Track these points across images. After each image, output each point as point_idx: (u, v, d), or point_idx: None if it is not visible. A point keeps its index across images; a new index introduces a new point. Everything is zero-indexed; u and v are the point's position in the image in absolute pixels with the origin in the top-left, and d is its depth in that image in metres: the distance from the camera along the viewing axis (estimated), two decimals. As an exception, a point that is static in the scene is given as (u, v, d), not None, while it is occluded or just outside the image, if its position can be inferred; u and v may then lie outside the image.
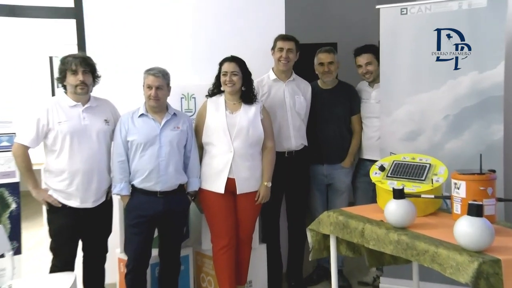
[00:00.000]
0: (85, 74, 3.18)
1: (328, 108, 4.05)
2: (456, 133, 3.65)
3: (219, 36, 4.13)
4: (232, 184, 3.45)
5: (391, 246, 2.68)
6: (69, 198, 3.19)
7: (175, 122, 3.37)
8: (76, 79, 3.16)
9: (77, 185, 3.17)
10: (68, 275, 3.09)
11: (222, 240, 3.50)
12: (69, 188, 3.17)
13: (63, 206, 3.19)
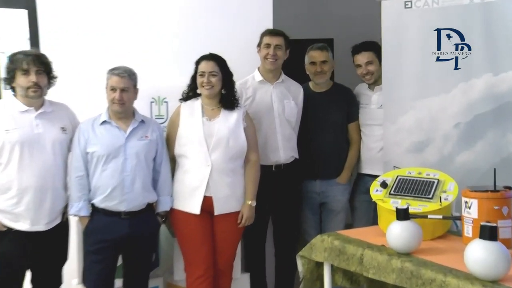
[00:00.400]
0: (39, 74, 3.14)
1: (321, 115, 4.08)
2: (469, 144, 3.68)
3: (196, 31, 4.14)
4: (210, 203, 3.46)
5: (393, 275, 2.72)
6: (17, 220, 3.13)
7: (143, 130, 3.37)
8: (28, 80, 3.11)
9: (27, 204, 3.11)
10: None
11: (197, 269, 3.49)
12: (17, 208, 3.11)
13: (8, 229, 3.13)
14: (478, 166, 3.61)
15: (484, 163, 3.57)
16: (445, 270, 2.51)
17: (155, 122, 3.59)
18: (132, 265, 3.45)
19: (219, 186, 3.47)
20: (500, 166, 3.39)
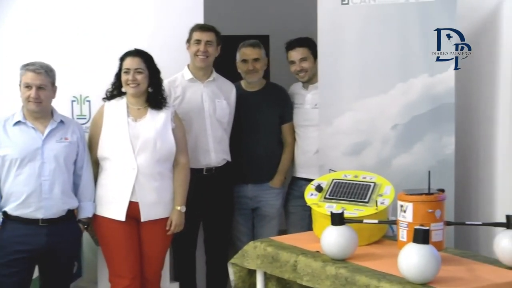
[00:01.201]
0: None
1: (253, 115, 4.12)
2: (406, 146, 3.80)
3: (121, 25, 4.10)
4: (136, 209, 3.46)
5: (328, 282, 2.78)
6: None
7: (62, 131, 3.33)
8: None
9: None
10: None
11: (123, 279, 3.48)
12: None
13: None
14: (415, 169, 3.70)
15: (421, 166, 3.65)
16: (379, 275, 2.60)
17: (76, 123, 3.56)
18: (51, 278, 3.40)
19: (145, 190, 3.47)
20: (436, 169, 3.53)
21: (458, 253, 2.99)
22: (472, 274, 2.62)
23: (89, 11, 4.07)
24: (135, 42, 3.73)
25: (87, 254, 3.93)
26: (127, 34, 4.03)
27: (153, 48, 3.69)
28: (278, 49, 4.64)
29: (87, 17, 4.07)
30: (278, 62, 4.84)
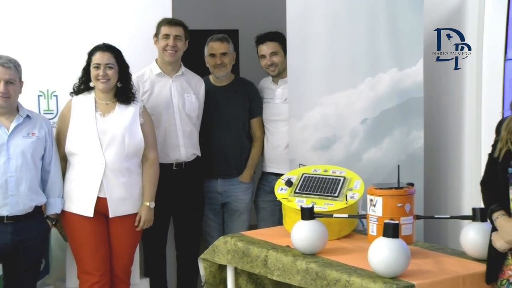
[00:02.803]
0: None
1: (221, 110, 4.12)
2: (375, 141, 3.84)
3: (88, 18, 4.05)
4: (104, 205, 3.44)
5: (298, 277, 2.80)
6: None
7: (29, 127, 3.30)
8: None
9: None
10: None
11: (91, 276, 3.46)
12: None
13: None
14: (385, 163, 3.76)
15: (390, 160, 3.71)
16: (349, 270, 2.62)
17: (43, 118, 3.51)
18: (16, 276, 3.35)
19: (114, 186, 3.45)
20: (406, 163, 3.57)
21: (427, 246, 3.04)
22: (440, 267, 2.66)
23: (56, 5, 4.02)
24: (102, 36, 3.69)
25: (55, 250, 3.90)
26: (94, 28, 3.99)
27: (121, 42, 3.67)
28: (248, 44, 4.65)
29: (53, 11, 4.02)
30: (248, 57, 4.84)
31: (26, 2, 3.99)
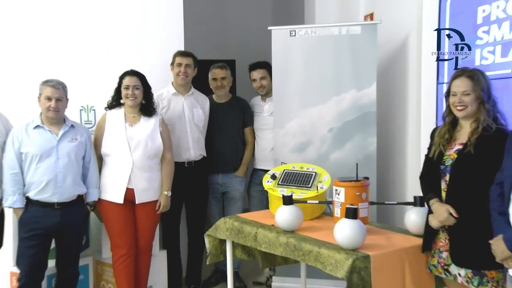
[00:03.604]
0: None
1: (222, 121, 4.10)
2: (339, 145, 3.84)
3: (119, 50, 4.06)
4: (131, 194, 3.43)
5: (280, 248, 2.79)
6: None
7: (73, 134, 3.29)
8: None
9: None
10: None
11: (121, 249, 3.47)
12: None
13: None
14: (346, 161, 3.76)
15: (351, 160, 3.70)
16: (319, 243, 2.62)
17: (83, 127, 3.51)
18: (64, 249, 3.34)
19: (139, 179, 3.44)
20: (362, 162, 3.57)
21: (379, 226, 3.03)
22: (389, 241, 2.67)
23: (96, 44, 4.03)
24: (130, 63, 3.68)
25: (93, 229, 3.88)
26: (123, 57, 3.98)
27: (145, 68, 3.65)
28: (242, 70, 4.63)
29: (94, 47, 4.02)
30: (242, 80, 4.84)
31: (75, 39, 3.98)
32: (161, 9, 4.23)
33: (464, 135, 2.43)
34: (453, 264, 2.42)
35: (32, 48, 3.89)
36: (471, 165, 2.35)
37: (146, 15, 4.19)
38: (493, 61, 2.91)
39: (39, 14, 3.92)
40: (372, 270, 2.37)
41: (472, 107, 2.38)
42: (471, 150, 2.34)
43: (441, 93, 3.29)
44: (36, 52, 3.89)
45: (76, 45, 3.99)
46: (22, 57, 3.87)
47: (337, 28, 3.82)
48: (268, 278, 4.25)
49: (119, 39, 4.11)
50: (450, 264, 2.44)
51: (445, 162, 2.46)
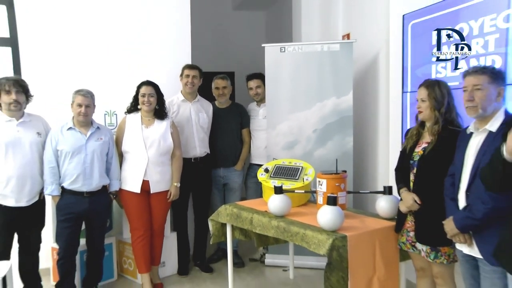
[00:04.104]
0: (18, 93, 3.03)
1: (223, 123, 4.08)
2: (322, 143, 3.86)
3: (136, 65, 4.08)
4: (147, 185, 3.44)
5: (272, 230, 2.83)
6: (4, 198, 3.04)
7: (98, 134, 3.30)
8: (10, 98, 3.00)
9: (11, 188, 3.03)
10: (4, 263, 2.94)
11: (138, 231, 3.48)
12: (4, 190, 3.02)
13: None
14: (328, 158, 3.78)
15: (332, 156, 3.74)
16: (305, 226, 2.66)
17: (107, 128, 3.51)
18: (92, 230, 3.38)
19: (153, 173, 3.45)
20: (341, 158, 3.61)
21: (354, 211, 3.06)
22: (363, 224, 2.70)
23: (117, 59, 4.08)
24: (146, 75, 3.69)
25: (115, 214, 3.89)
26: (140, 70, 4.00)
27: (158, 79, 3.66)
28: (241, 80, 4.62)
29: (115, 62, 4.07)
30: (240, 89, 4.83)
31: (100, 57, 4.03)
32: (172, 31, 4.26)
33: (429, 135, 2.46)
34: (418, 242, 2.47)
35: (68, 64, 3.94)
36: (432, 160, 2.37)
37: (160, 36, 4.23)
38: (445, 75, 2.96)
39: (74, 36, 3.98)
40: (349, 247, 2.42)
41: (426, 112, 2.41)
42: (433, 147, 2.37)
43: (405, 100, 3.33)
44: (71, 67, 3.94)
45: (102, 62, 4.05)
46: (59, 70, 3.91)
47: (320, 45, 3.86)
48: (262, 255, 4.25)
49: (138, 56, 4.14)
50: (416, 241, 2.49)
51: (414, 158, 2.48)
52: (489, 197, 1.95)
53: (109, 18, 4.08)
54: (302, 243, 2.59)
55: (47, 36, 3.90)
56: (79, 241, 3.35)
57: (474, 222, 2.04)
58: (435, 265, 2.43)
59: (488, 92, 2.06)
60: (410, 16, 3.25)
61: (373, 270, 2.52)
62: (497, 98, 2.08)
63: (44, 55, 3.89)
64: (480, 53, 2.72)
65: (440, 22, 2.98)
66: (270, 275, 3.93)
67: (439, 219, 2.25)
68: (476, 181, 2.03)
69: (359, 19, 4.11)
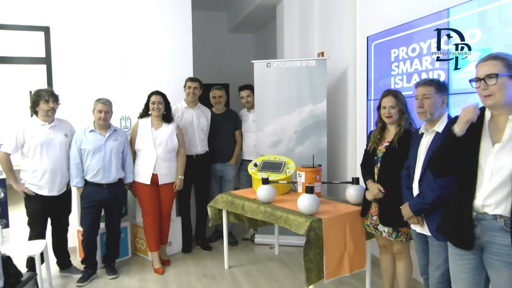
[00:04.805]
0: (54, 103, 3.08)
1: (219, 126, 4.07)
2: (301, 142, 3.87)
3: (147, 78, 4.08)
4: (156, 178, 3.42)
5: (260, 215, 2.85)
6: (40, 189, 3.07)
7: (115, 135, 3.28)
8: (48, 106, 3.05)
9: (45, 180, 3.06)
10: (41, 242, 2.98)
11: (149, 216, 3.46)
12: (40, 182, 3.05)
13: (36, 194, 3.06)
14: (306, 154, 3.78)
15: (309, 153, 3.74)
16: (287, 211, 2.67)
17: (123, 131, 3.48)
18: (110, 215, 3.36)
19: (161, 167, 3.42)
20: (317, 154, 3.63)
21: (328, 198, 3.08)
22: (335, 208, 2.71)
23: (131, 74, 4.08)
24: (155, 85, 3.67)
25: (130, 202, 3.87)
26: (151, 82, 3.98)
27: (166, 89, 3.64)
28: (234, 90, 4.62)
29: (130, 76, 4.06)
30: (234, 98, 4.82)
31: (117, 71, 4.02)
32: (178, 50, 4.25)
33: (390, 135, 2.46)
34: (380, 224, 2.48)
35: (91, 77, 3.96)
36: (394, 156, 2.38)
37: (167, 55, 4.22)
38: (402, 86, 2.98)
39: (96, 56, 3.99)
40: (324, 228, 2.43)
41: (396, 116, 2.42)
42: (396, 145, 2.37)
43: (370, 106, 3.35)
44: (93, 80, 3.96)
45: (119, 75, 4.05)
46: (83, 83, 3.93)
47: (299, 62, 3.86)
48: (252, 235, 4.25)
49: (148, 71, 4.14)
50: (378, 224, 2.51)
51: (377, 154, 2.48)
52: (437, 186, 1.98)
53: (126, 41, 4.08)
54: (285, 225, 2.60)
55: (74, 56, 3.93)
56: (100, 225, 3.34)
57: (425, 206, 2.06)
58: (396, 243, 2.46)
59: (435, 100, 2.09)
60: (373, 38, 3.28)
61: (344, 246, 2.54)
62: (442, 105, 2.12)
63: (71, 71, 3.92)
64: (428, 68, 2.75)
65: (397, 43, 3.01)
66: (259, 252, 3.94)
67: (399, 205, 2.26)
68: (427, 173, 2.05)
69: (332, 40, 4.13)
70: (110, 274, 3.36)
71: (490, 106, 1.64)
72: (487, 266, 1.68)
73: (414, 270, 2.56)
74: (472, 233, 1.68)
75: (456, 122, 1.69)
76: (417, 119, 2.24)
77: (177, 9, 4.24)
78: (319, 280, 2.42)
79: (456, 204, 1.74)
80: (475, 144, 1.66)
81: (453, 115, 2.17)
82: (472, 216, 1.68)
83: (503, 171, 1.58)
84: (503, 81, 1.58)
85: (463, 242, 1.72)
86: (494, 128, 1.66)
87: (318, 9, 4.38)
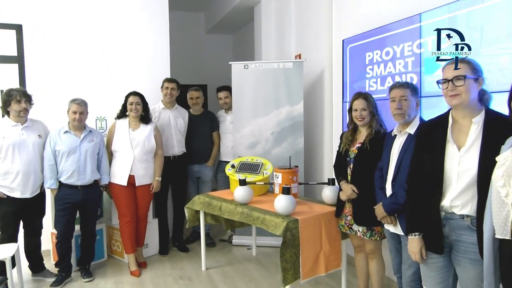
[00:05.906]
0: (26, 103, 3.00)
1: (197, 127, 4.05)
2: (278, 143, 3.88)
3: (123, 78, 4.01)
4: (133, 179, 3.38)
5: (238, 216, 2.84)
6: (12, 191, 2.98)
7: (90, 136, 3.23)
8: (20, 106, 2.97)
9: (18, 182, 2.97)
10: (12, 245, 2.89)
11: (125, 218, 3.42)
12: (12, 184, 2.97)
13: (8, 197, 2.97)
14: (283, 155, 3.80)
15: (286, 154, 3.76)
16: (264, 212, 2.68)
17: (98, 131, 3.41)
18: (85, 217, 3.30)
19: (138, 169, 3.39)
20: (294, 155, 3.66)
21: (305, 199, 3.11)
22: (311, 209, 2.73)
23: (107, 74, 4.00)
24: (133, 86, 3.62)
25: (105, 204, 3.79)
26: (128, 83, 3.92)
27: (143, 89, 3.60)
28: (212, 91, 4.60)
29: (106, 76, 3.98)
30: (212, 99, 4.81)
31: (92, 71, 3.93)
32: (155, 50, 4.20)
33: (362, 137, 2.50)
34: (355, 224, 2.52)
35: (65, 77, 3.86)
36: (366, 157, 2.42)
37: (144, 55, 4.16)
38: (376, 89, 3.05)
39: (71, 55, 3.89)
40: (300, 229, 2.45)
41: (367, 118, 2.46)
42: (367, 147, 2.42)
43: (345, 108, 3.40)
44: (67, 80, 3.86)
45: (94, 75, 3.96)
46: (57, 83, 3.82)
47: (276, 63, 3.88)
48: (230, 236, 4.25)
49: (125, 71, 4.07)
50: (353, 224, 2.54)
51: (350, 155, 2.52)
52: None
53: (101, 40, 3.99)
54: (262, 225, 2.60)
55: (48, 54, 3.82)
56: (74, 227, 3.27)
57: (398, 206, 2.11)
58: (369, 242, 2.50)
59: (411, 102, 2.15)
60: (349, 41, 3.33)
61: (320, 246, 2.57)
62: (416, 107, 2.17)
63: (45, 70, 3.81)
64: (402, 71, 2.82)
65: (372, 46, 3.07)
66: (236, 253, 3.94)
67: (372, 204, 2.29)
68: (399, 174, 2.10)
69: (308, 42, 4.17)
70: (85, 277, 3.29)
71: (455, 105, 1.71)
72: (455, 264, 1.74)
73: (387, 269, 2.61)
74: (441, 235, 1.72)
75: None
76: (387, 120, 2.28)
77: (154, 9, 4.19)
78: (295, 280, 2.44)
79: (424, 206, 1.78)
80: (441, 149, 1.71)
81: (425, 117, 2.25)
82: (441, 216, 1.72)
83: (468, 173, 1.64)
84: (469, 83, 1.67)
85: (434, 246, 1.76)
86: (458, 132, 1.71)
87: (295, 12, 4.42)
